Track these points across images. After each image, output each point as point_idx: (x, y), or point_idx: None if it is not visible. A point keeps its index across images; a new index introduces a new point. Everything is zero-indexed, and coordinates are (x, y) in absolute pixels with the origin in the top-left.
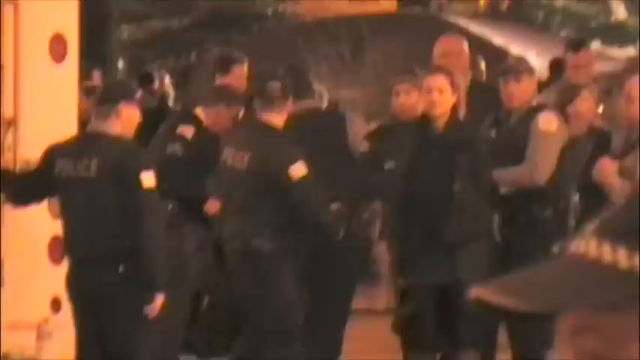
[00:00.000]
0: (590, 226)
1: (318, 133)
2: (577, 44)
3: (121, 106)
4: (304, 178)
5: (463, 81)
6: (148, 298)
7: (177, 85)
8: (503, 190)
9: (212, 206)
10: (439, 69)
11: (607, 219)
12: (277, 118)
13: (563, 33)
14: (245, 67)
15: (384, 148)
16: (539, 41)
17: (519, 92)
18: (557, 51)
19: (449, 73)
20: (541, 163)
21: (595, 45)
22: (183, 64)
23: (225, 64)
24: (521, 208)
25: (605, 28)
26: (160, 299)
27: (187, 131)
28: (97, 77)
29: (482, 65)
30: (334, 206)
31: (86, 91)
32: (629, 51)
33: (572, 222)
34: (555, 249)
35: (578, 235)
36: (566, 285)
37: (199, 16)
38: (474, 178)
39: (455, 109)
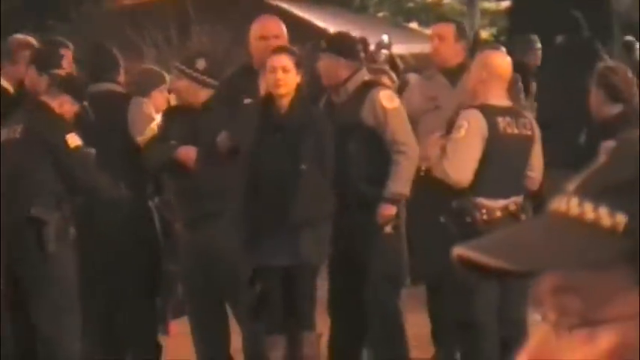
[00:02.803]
0: (572, 184)
1: (103, 116)
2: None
3: None
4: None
5: None
6: None
7: None
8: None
9: None
10: (284, 49)
11: (588, 177)
12: None
13: (380, 14)
14: (70, 52)
15: (171, 127)
16: (358, 22)
17: (322, 71)
18: (376, 31)
19: (294, 53)
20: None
21: (412, 25)
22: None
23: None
24: (350, 187)
25: (421, 9)
26: None
27: None
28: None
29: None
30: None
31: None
32: None
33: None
34: (388, 229)
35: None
36: (547, 244)
37: (15, 3)
38: (319, 159)
39: (299, 89)
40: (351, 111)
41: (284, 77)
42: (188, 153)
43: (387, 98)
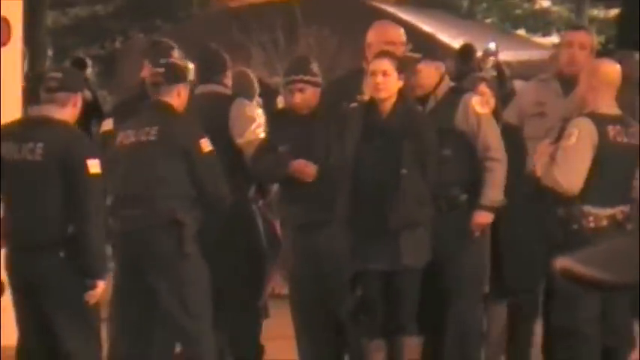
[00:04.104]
0: None
1: (207, 117)
2: (575, 27)
3: (78, 97)
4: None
5: None
6: (89, 285)
7: (102, 73)
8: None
9: None
10: (385, 53)
11: None
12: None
13: (488, 20)
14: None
15: (280, 133)
16: (465, 28)
17: (419, 81)
18: (483, 37)
19: (395, 57)
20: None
21: (520, 32)
22: (108, 51)
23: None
24: (443, 192)
25: (529, 15)
26: (101, 286)
27: None
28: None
29: None
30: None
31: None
32: (553, 39)
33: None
34: (477, 232)
35: None
36: None
37: (123, 3)
38: (420, 164)
39: (402, 93)
40: (444, 117)
41: (384, 81)
42: (304, 168)
43: (479, 104)
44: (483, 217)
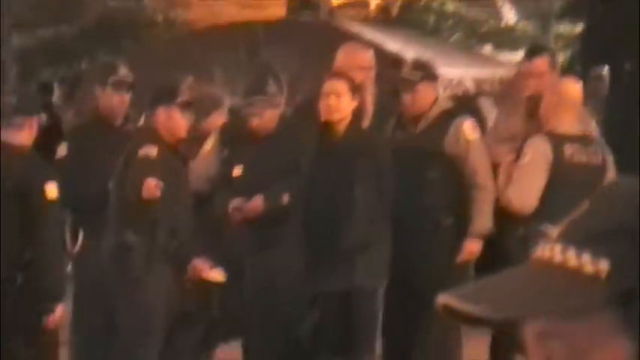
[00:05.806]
0: (555, 231)
1: None
2: (530, 52)
3: (34, 120)
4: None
5: (371, 90)
6: (47, 309)
7: (68, 95)
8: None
9: None
10: (339, 74)
11: (571, 224)
12: None
13: (454, 38)
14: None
15: (236, 155)
16: (430, 45)
17: (416, 101)
18: (449, 55)
19: (349, 79)
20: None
21: (486, 50)
22: (75, 72)
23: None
24: (427, 215)
25: (495, 32)
26: (59, 310)
27: None
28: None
29: None
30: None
31: (116, 85)
32: (520, 55)
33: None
34: (459, 258)
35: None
36: (531, 291)
37: (88, 24)
38: (374, 184)
39: (356, 114)
40: (433, 139)
41: (336, 103)
42: (257, 207)
43: (470, 129)
44: (474, 246)
